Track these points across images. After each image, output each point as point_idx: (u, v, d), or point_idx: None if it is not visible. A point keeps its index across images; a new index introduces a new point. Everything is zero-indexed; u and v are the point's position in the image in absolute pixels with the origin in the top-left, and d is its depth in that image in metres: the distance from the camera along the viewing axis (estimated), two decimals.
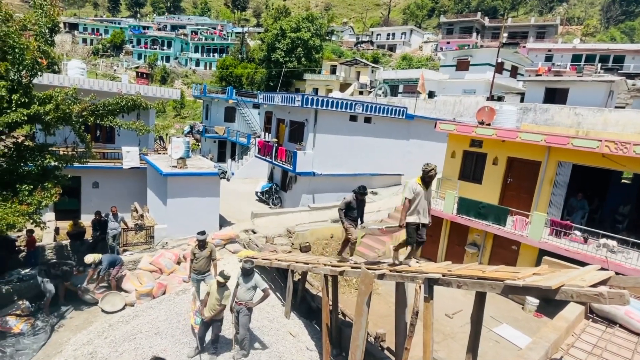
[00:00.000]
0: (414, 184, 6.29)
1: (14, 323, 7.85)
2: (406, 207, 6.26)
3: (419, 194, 6.24)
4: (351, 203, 7.46)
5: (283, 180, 20.22)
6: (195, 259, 8.43)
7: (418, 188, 6.25)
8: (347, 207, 7.45)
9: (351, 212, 7.47)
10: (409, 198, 6.24)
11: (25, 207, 7.22)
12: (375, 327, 8.91)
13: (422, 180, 6.32)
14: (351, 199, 7.49)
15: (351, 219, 7.48)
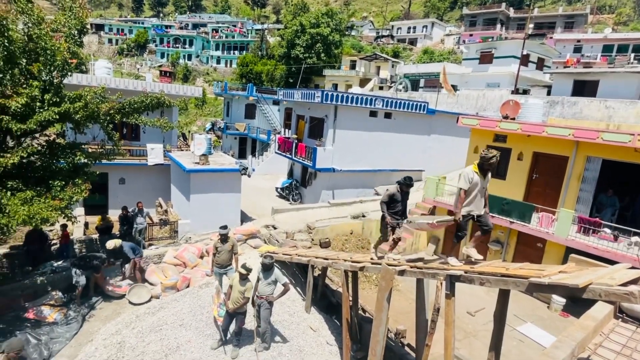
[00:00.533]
0: (470, 173, 5.64)
1: (48, 312, 8.24)
2: (462, 198, 5.62)
3: (476, 184, 5.61)
4: (395, 195, 6.83)
5: (303, 177, 20.34)
6: (218, 252, 8.61)
7: (475, 177, 5.61)
8: (390, 200, 6.82)
9: (395, 206, 6.85)
10: (465, 188, 5.59)
11: (57, 202, 7.53)
12: (396, 323, 8.88)
13: (479, 168, 5.64)
14: (395, 191, 6.86)
15: (394, 213, 6.85)
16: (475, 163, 5.70)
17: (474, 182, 5.60)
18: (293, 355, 7.37)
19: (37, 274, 9.47)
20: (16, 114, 7.54)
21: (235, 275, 7.12)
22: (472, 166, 5.70)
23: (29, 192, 7.31)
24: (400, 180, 6.83)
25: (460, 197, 5.66)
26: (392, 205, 6.82)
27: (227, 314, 7.19)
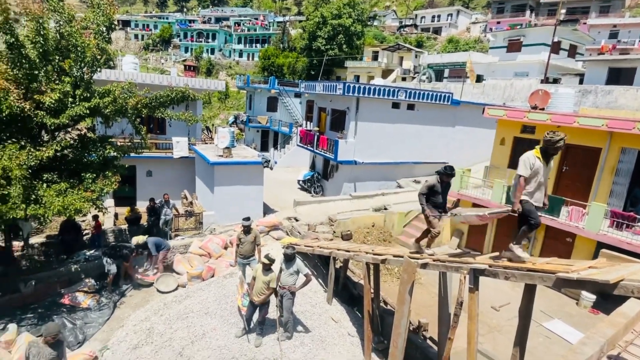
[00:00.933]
0: (531, 158, 4.99)
1: (82, 299, 8.65)
2: (521, 187, 4.98)
3: (538, 171, 4.96)
4: (435, 187, 6.32)
5: (325, 169, 20.36)
6: (241, 243, 8.78)
7: (537, 163, 4.96)
8: (429, 191, 6.34)
9: (435, 197, 6.37)
10: (525, 176, 4.97)
11: (89, 194, 7.86)
12: (418, 316, 8.85)
13: (542, 153, 5.00)
14: (435, 182, 6.34)
15: (434, 205, 6.38)
16: (537, 147, 5.03)
17: (536, 168, 4.94)
18: (315, 345, 7.47)
19: (71, 262, 9.94)
20: (50, 109, 7.87)
21: (259, 266, 7.25)
22: (533, 151, 5.03)
23: (63, 184, 7.65)
24: (440, 170, 6.32)
25: (519, 185, 5.01)
26: (432, 197, 6.35)
27: (250, 303, 7.34)
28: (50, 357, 5.28)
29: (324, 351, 7.40)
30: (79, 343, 7.62)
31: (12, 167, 6.79)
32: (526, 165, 4.98)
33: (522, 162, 5.03)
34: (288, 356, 6.98)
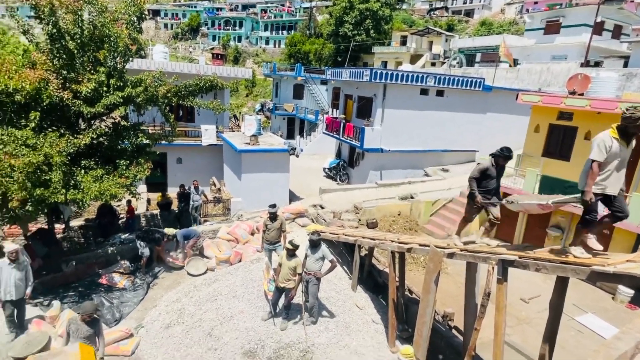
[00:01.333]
0: (607, 139, 4.30)
1: (118, 279, 9.10)
2: (594, 173, 4.35)
3: (615, 154, 4.31)
4: (488, 170, 5.74)
5: (350, 157, 20.27)
6: (267, 230, 8.94)
7: (614, 145, 4.28)
8: (482, 176, 5.80)
9: (487, 182, 5.80)
10: (599, 160, 4.32)
11: (123, 180, 8.18)
12: (444, 306, 8.77)
13: (621, 133, 4.30)
14: (488, 165, 5.76)
15: (486, 191, 5.82)
16: (614, 126, 4.38)
17: (613, 151, 4.27)
18: (339, 330, 7.57)
19: (108, 244, 10.45)
20: (86, 98, 8.19)
21: (284, 253, 7.37)
22: (609, 131, 4.38)
23: (99, 171, 8.00)
24: (497, 152, 5.72)
25: (592, 171, 4.37)
26: (484, 182, 5.80)
27: (276, 289, 7.50)
28: (87, 334, 5.62)
29: (348, 337, 7.49)
30: (116, 320, 8.04)
31: (53, 154, 7.15)
32: (601, 149, 4.29)
33: (596, 144, 4.34)
34: (313, 340, 7.12)
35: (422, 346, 6.59)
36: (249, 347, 6.93)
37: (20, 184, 6.75)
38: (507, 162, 5.88)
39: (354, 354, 7.07)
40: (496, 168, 5.87)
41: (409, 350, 5.05)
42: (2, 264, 6.75)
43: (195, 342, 7.14)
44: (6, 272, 6.71)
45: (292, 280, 7.21)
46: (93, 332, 5.68)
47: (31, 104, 7.57)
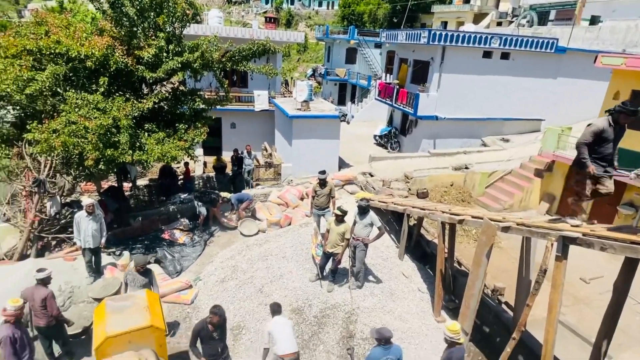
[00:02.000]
0: None
1: (179, 235, 9.84)
2: None
3: None
4: (604, 132, 4.75)
5: (403, 124, 19.66)
6: (317, 195, 9.08)
7: None
8: (596, 139, 4.83)
9: (603, 147, 4.85)
10: None
11: (182, 143, 8.63)
12: (494, 280, 8.54)
13: None
14: (604, 125, 4.76)
15: (599, 158, 4.88)
16: None
17: None
18: (384, 297, 7.68)
19: (169, 203, 11.24)
20: (148, 64, 8.58)
21: (332, 219, 7.48)
22: None
23: (161, 134, 8.48)
24: (617, 107, 4.71)
25: None
26: (599, 147, 4.84)
27: (324, 253, 7.69)
28: (143, 282, 6.19)
29: (393, 303, 7.58)
30: (177, 272, 8.78)
31: (121, 117, 7.68)
32: None
33: None
34: (358, 304, 7.30)
35: (468, 318, 6.52)
36: (297, 305, 7.28)
37: (94, 144, 7.37)
38: (630, 120, 4.69)
39: (398, 319, 7.17)
40: (615, 128, 4.78)
41: (455, 327, 5.02)
42: (81, 216, 7.55)
43: (247, 296, 7.62)
44: (84, 223, 7.51)
45: (340, 245, 7.35)
46: (148, 281, 6.23)
47: (100, 70, 8.08)
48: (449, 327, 5.04)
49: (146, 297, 5.34)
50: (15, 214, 9.07)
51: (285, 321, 5.70)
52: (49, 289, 5.87)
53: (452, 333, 5.00)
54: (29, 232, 8.59)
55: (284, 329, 5.51)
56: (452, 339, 5.02)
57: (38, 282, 5.80)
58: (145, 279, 6.22)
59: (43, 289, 5.77)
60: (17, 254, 8.51)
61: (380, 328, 5.22)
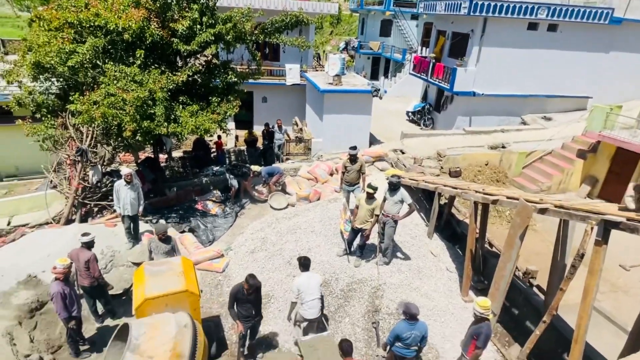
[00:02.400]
0: None
1: (211, 206, 10.16)
2: None
3: None
4: None
5: (437, 100, 19.01)
6: (347, 171, 9.04)
7: None
8: None
9: None
10: None
11: (215, 116, 8.75)
12: (526, 263, 8.33)
13: None
14: None
15: None
16: None
17: None
18: (411, 274, 7.67)
19: (202, 175, 11.56)
20: (182, 36, 8.65)
21: (362, 195, 7.44)
22: None
23: (194, 106, 8.63)
24: None
25: None
26: None
27: (352, 229, 7.72)
28: (166, 250, 6.46)
29: (420, 280, 7.58)
30: (209, 242, 9.12)
31: (156, 90, 7.85)
32: None
33: None
34: (385, 279, 7.35)
35: (497, 299, 6.44)
36: (324, 278, 7.41)
37: (131, 116, 7.61)
38: None
39: (424, 297, 7.18)
40: None
41: (486, 303, 5.00)
42: (120, 184, 7.92)
43: (276, 268, 7.84)
44: (123, 192, 7.88)
45: (369, 221, 7.34)
46: (170, 248, 6.50)
47: (136, 43, 8.23)
48: (480, 303, 5.04)
49: (181, 264, 5.59)
50: (61, 182, 9.63)
51: (310, 276, 5.84)
52: (92, 252, 6.27)
53: (483, 309, 5.00)
54: (74, 198, 9.14)
55: (310, 285, 5.70)
56: (482, 315, 5.05)
57: (82, 245, 6.19)
58: (168, 246, 6.49)
59: (87, 252, 6.17)
60: (63, 218, 9.10)
61: (408, 303, 5.27)
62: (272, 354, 6.26)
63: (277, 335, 6.54)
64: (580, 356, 5.31)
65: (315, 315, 5.77)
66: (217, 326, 6.68)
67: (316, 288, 5.76)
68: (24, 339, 5.99)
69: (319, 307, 5.81)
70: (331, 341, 5.69)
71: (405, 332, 5.18)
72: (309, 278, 5.79)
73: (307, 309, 5.73)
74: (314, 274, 6.07)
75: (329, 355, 5.33)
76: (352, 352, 4.69)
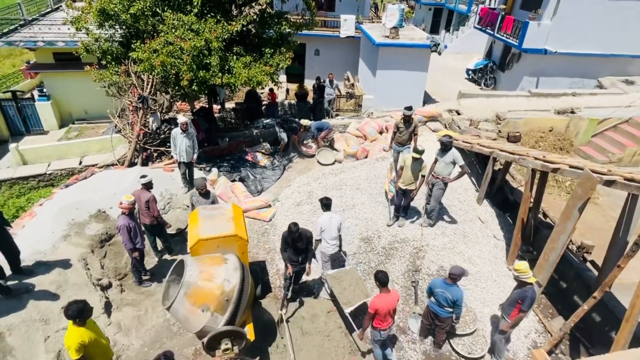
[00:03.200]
0: None
1: (261, 158, 10.46)
2: None
3: None
4: None
5: (503, 58, 17.54)
6: (399, 131, 8.80)
7: None
8: None
9: None
10: None
11: (268, 68, 8.75)
12: (582, 237, 7.87)
13: None
14: None
15: None
16: None
17: None
18: (456, 238, 7.56)
19: (252, 127, 11.82)
20: None
21: (407, 157, 7.25)
22: None
23: (248, 57, 8.66)
24: None
25: None
26: None
27: (398, 190, 7.63)
28: (206, 204, 6.69)
29: (464, 245, 7.46)
30: (258, 192, 9.49)
31: (212, 39, 7.93)
32: None
33: None
34: (428, 241, 7.32)
35: (545, 271, 6.21)
36: (366, 234, 7.53)
37: (188, 65, 7.82)
38: None
39: (467, 261, 7.09)
40: None
41: (522, 266, 5.04)
42: (177, 132, 8.32)
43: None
44: (179, 139, 8.30)
45: (414, 182, 7.22)
46: (210, 202, 6.79)
47: None
48: (516, 266, 5.11)
49: (232, 210, 5.91)
50: (124, 127, 10.31)
51: (332, 216, 6.20)
52: (152, 193, 6.77)
53: (518, 272, 5.08)
54: (136, 143, 9.79)
55: (331, 224, 6.11)
56: (519, 278, 5.10)
57: (142, 186, 6.70)
58: (208, 200, 6.77)
59: (147, 193, 6.68)
60: (127, 161, 9.84)
61: (457, 266, 5.32)
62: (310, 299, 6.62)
63: (316, 284, 6.85)
64: (630, 335, 5.08)
65: (334, 251, 6.34)
66: (262, 270, 7.11)
67: (336, 227, 6.15)
68: (96, 266, 6.78)
69: (338, 245, 6.34)
70: (354, 273, 6.35)
71: (437, 287, 5.34)
72: (330, 218, 6.15)
73: (328, 247, 6.25)
74: (335, 214, 6.39)
75: (354, 285, 6.06)
76: (387, 282, 4.91)
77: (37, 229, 7.12)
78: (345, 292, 5.95)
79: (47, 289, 5.83)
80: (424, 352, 5.89)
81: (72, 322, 4.13)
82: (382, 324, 5.01)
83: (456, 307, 5.28)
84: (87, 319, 4.25)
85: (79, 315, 4.10)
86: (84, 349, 4.13)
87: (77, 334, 4.11)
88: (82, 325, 4.17)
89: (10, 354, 4.95)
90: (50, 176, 10.89)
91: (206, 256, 5.13)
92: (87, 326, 4.24)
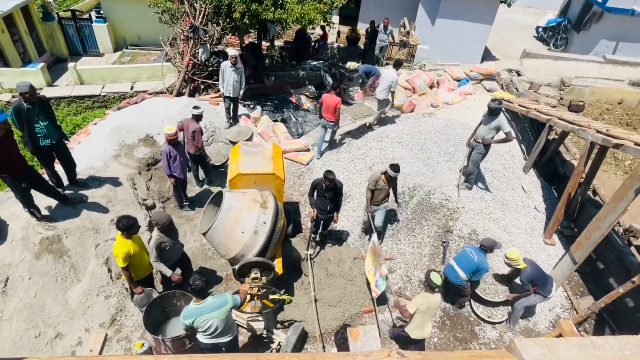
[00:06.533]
0: None
1: (304, 101, 10.34)
2: None
3: None
4: None
5: (580, 17, 15.69)
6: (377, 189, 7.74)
7: None
8: None
9: None
10: None
11: (322, 6, 8.35)
12: (631, 220, 7.43)
13: None
14: None
15: None
16: None
17: None
18: (494, 204, 7.36)
19: (299, 68, 11.58)
20: None
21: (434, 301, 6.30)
22: None
23: None
24: None
25: None
26: None
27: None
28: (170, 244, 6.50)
29: (502, 213, 7.27)
30: (298, 135, 9.50)
31: None
32: None
33: None
34: (464, 204, 7.18)
35: (583, 249, 5.98)
36: (401, 190, 7.48)
37: None
38: None
39: (502, 229, 6.95)
40: None
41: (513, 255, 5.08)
42: (226, 65, 8.32)
43: (357, 171, 8.04)
44: (228, 73, 8.31)
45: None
46: (176, 240, 6.70)
47: None
48: (508, 254, 5.21)
49: (272, 149, 6.00)
50: (175, 55, 10.41)
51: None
52: (199, 124, 6.95)
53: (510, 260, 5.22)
54: (185, 72, 9.92)
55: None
56: (511, 265, 5.26)
57: (193, 116, 6.87)
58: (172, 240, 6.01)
59: (195, 124, 6.86)
60: (175, 90, 10.06)
61: (489, 238, 5.35)
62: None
63: (346, 232, 7.01)
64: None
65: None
66: (295, 211, 7.32)
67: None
68: (142, 186, 7.24)
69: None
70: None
71: (464, 251, 5.44)
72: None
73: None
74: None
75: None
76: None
77: (91, 146, 7.61)
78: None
79: (98, 202, 6.34)
80: (442, 309, 6.03)
81: (120, 234, 4.52)
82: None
83: (476, 275, 5.31)
84: (134, 234, 4.63)
85: (128, 229, 4.47)
86: (129, 259, 4.55)
87: (125, 245, 4.51)
88: (129, 238, 4.56)
89: (67, 254, 5.54)
90: (104, 97, 11.42)
91: (244, 190, 5.32)
92: (133, 240, 4.63)
